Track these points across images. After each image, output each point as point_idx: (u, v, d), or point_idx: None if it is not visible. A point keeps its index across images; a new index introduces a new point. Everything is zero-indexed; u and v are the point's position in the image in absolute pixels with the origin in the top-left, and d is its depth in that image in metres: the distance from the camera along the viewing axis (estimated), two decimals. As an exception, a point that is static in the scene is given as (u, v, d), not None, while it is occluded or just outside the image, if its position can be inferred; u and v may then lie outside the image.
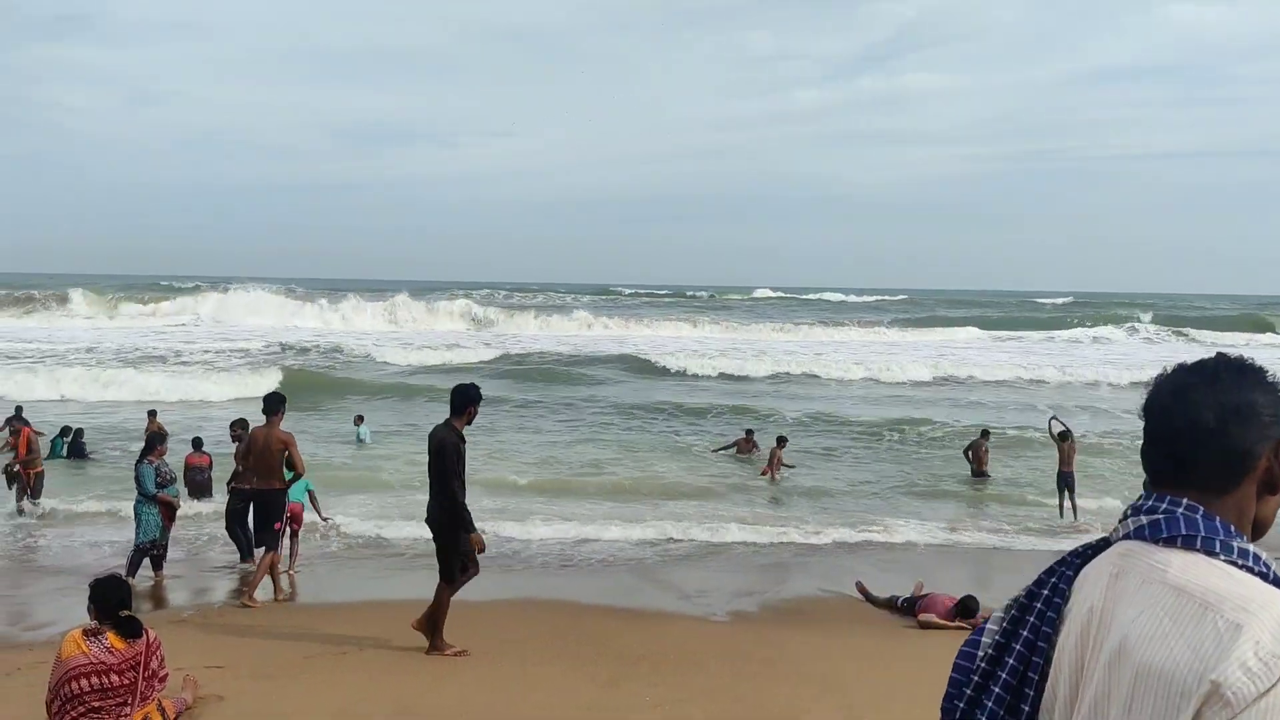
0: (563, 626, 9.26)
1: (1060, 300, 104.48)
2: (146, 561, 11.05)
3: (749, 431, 20.90)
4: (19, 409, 17.46)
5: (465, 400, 8.03)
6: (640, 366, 37.08)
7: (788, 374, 35.80)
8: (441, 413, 8.75)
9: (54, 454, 17.87)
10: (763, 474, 18.12)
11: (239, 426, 12.59)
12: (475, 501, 15.54)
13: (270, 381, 28.00)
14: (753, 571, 12.06)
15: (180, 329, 51.77)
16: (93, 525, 13.88)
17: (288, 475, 10.48)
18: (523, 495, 16.08)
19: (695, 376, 35.33)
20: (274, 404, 10.56)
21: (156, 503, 11.07)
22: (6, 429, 15.03)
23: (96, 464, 17.86)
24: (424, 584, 11.17)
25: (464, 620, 9.45)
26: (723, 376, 35.32)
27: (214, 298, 63.49)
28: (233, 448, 12.59)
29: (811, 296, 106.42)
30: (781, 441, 18.80)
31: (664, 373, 35.82)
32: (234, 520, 11.79)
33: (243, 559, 11.66)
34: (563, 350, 42.20)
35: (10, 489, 14.10)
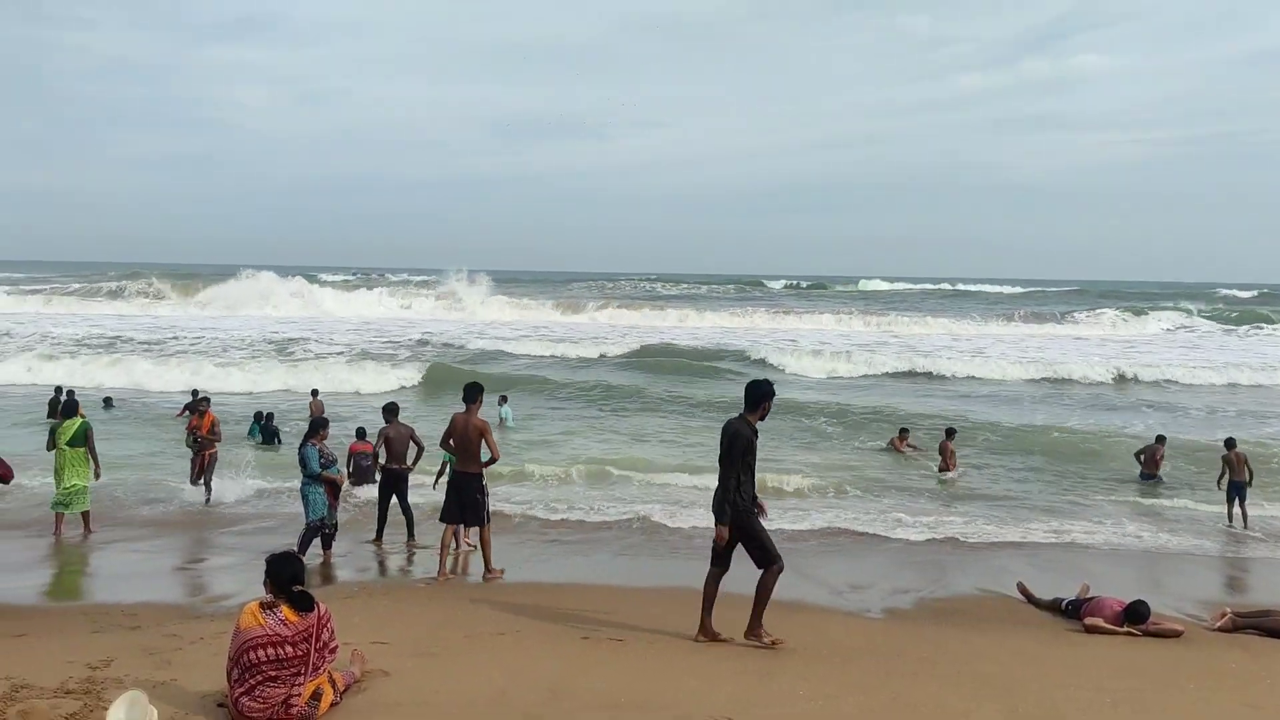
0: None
1: (1246, 294, 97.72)
2: (317, 540, 11.53)
3: (903, 430, 20.56)
4: (196, 393, 18.71)
5: (760, 395, 8.13)
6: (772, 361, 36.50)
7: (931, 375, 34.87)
8: (571, 406, 8.84)
9: (250, 436, 19.37)
10: (941, 470, 17.88)
11: (389, 413, 13.23)
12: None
13: (411, 374, 29.21)
14: (908, 568, 11.78)
15: (331, 321, 54.18)
16: (272, 502, 14.68)
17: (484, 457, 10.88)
18: (672, 485, 16.23)
19: (826, 378, 34.25)
20: (473, 393, 10.94)
21: (321, 482, 11.58)
22: (192, 411, 15.87)
23: (290, 446, 18.56)
24: (580, 568, 11.47)
25: (617, 605, 9.54)
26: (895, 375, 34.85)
27: (361, 293, 66.43)
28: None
29: (972, 288, 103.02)
30: (950, 434, 18.56)
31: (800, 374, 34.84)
32: (384, 498, 12.68)
33: (380, 537, 12.60)
34: (700, 344, 42.22)
35: (193, 468, 14.88)
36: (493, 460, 10.92)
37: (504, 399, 22.79)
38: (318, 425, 12.17)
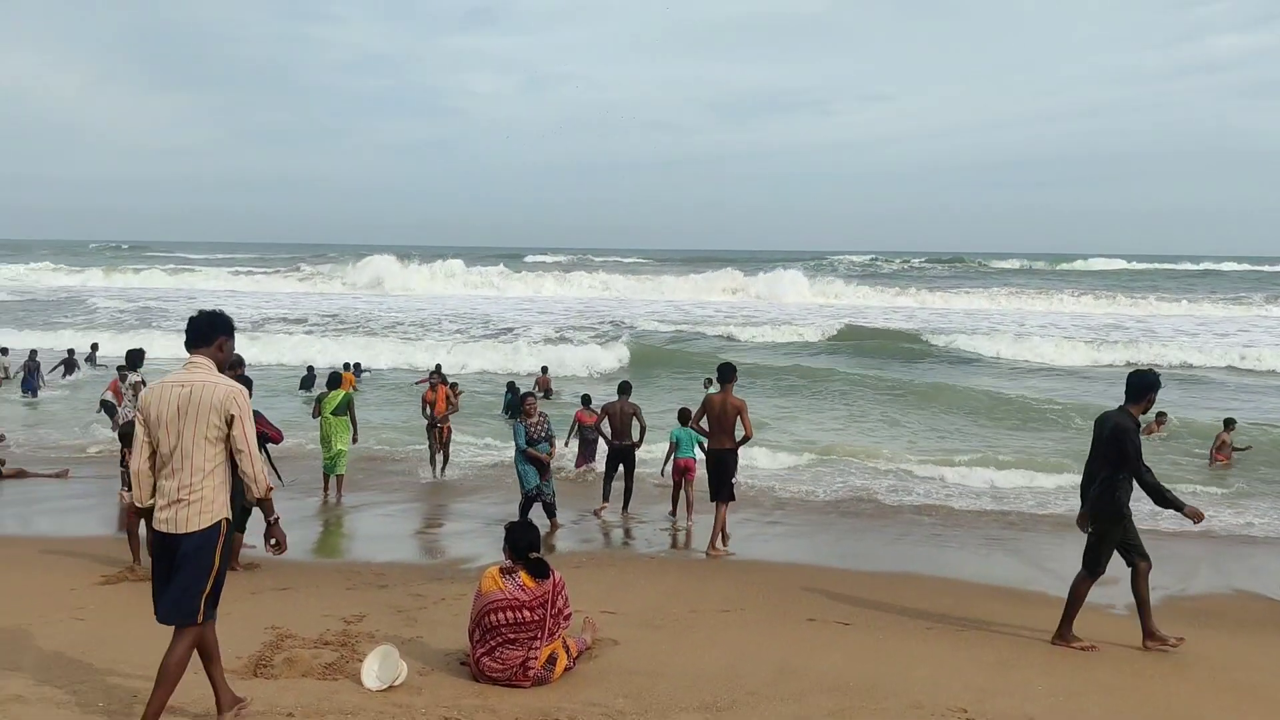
0: (946, 604, 8.91)
1: None
2: (542, 510, 11.85)
3: (1160, 415, 18.43)
4: (439, 367, 19.64)
5: (1145, 386, 7.85)
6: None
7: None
8: (781, 388, 8.64)
9: (505, 413, 20.29)
10: (1212, 463, 16.48)
11: (622, 391, 13.57)
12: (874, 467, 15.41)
13: (616, 354, 29.52)
14: (1157, 562, 10.96)
15: (546, 301, 55.64)
16: (508, 472, 15.27)
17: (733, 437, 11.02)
18: (894, 469, 15.85)
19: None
20: (728, 373, 11.25)
21: (522, 456, 11.94)
22: (427, 383, 16.61)
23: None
24: (804, 548, 11.34)
25: (842, 587, 9.35)
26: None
27: (572, 274, 67.56)
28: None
29: (1227, 266, 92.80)
30: (1229, 424, 17.00)
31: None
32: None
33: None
34: (910, 325, 40.71)
35: (428, 444, 15.39)
36: (746, 438, 11.07)
37: (709, 381, 22.92)
38: (524, 399, 12.64)
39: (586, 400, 15.62)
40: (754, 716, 5.60)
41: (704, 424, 11.32)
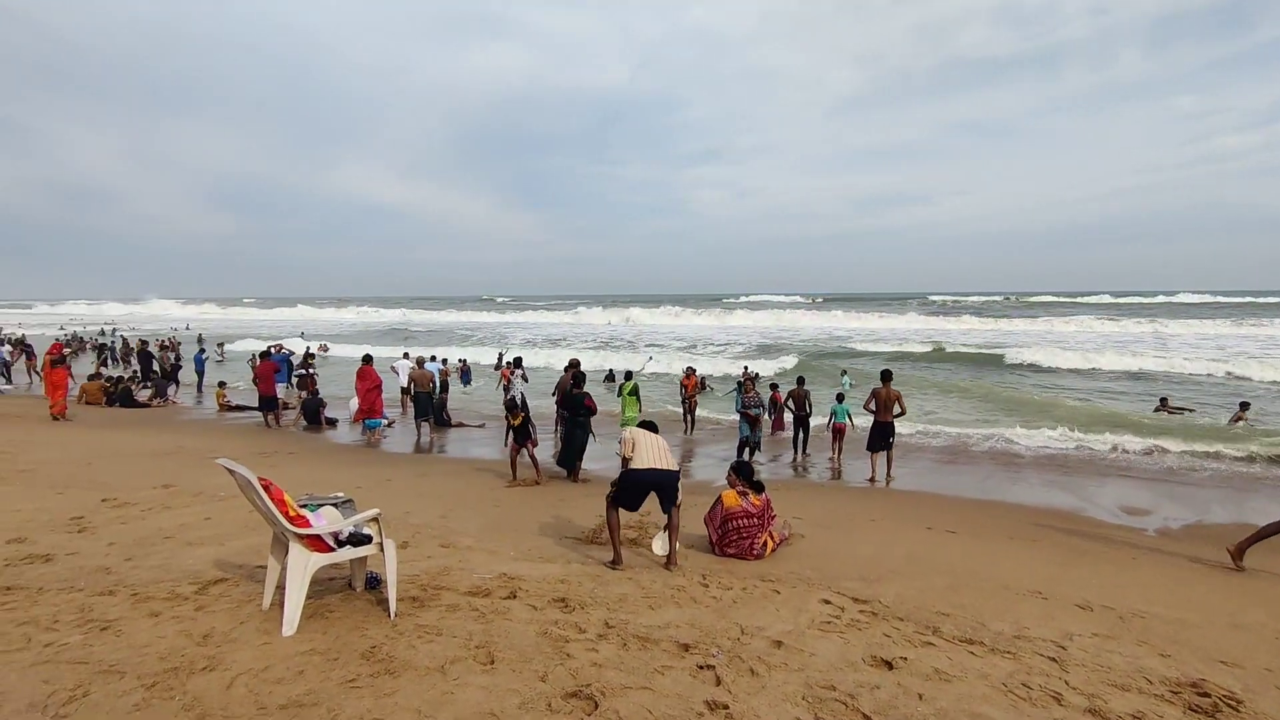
0: (1019, 522, 8.71)
1: None
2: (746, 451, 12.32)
3: (1244, 404, 15.37)
4: (692, 370, 19.47)
5: None
6: None
7: None
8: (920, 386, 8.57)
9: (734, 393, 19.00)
10: None
11: (799, 383, 13.72)
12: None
13: (782, 362, 28.31)
14: (1185, 503, 10.10)
15: (742, 328, 54.92)
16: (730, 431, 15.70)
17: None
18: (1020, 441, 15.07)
19: None
20: (888, 375, 11.51)
21: (743, 416, 12.43)
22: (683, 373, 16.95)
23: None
24: (938, 483, 11.06)
25: (959, 511, 9.27)
26: None
27: (757, 312, 65.74)
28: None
29: None
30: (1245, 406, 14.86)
31: None
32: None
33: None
34: (982, 341, 37.05)
35: (682, 412, 15.63)
36: (902, 413, 11.26)
37: (844, 371, 22.58)
38: (745, 382, 13.09)
39: (774, 386, 15.93)
40: (893, 585, 5.71)
41: (872, 405, 11.42)
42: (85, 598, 4.44)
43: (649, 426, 6.69)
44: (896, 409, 11.21)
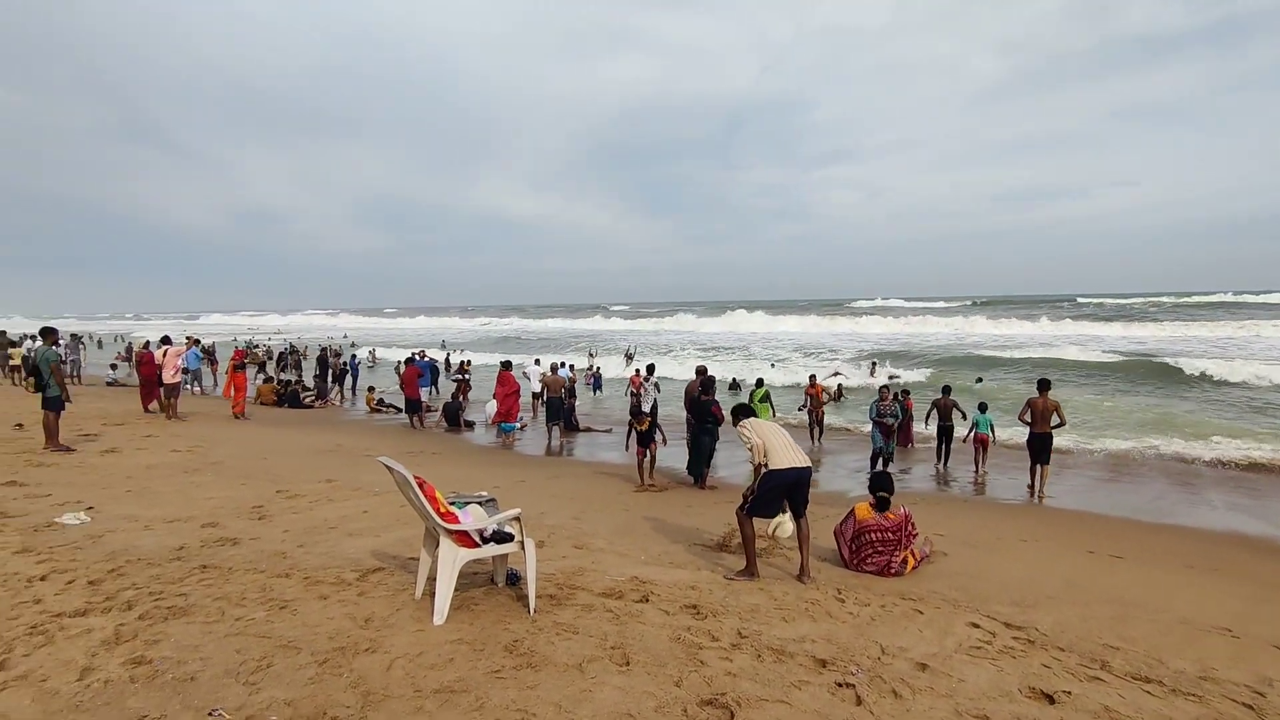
0: (1199, 549, 7.79)
1: None
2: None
3: None
4: (814, 376, 18.60)
5: None
6: None
7: None
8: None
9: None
10: None
11: (945, 392, 13.10)
12: None
13: (922, 372, 26.66)
14: None
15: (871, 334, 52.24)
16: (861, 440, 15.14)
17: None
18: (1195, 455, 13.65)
19: None
20: (1045, 385, 11.00)
21: (874, 424, 11.97)
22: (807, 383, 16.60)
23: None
24: (1100, 501, 10.18)
25: (1123, 533, 8.48)
26: None
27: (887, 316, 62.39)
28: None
29: None
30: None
31: None
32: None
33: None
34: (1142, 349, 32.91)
35: (809, 422, 15.07)
36: (1061, 424, 10.67)
37: (979, 380, 21.39)
38: (881, 390, 12.58)
39: (906, 393, 15.17)
40: (1050, 613, 5.30)
41: (1027, 417, 10.80)
42: (266, 578, 4.94)
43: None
44: (1055, 420, 10.54)
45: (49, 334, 10.93)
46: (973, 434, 12.13)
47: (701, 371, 11.90)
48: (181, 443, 11.61)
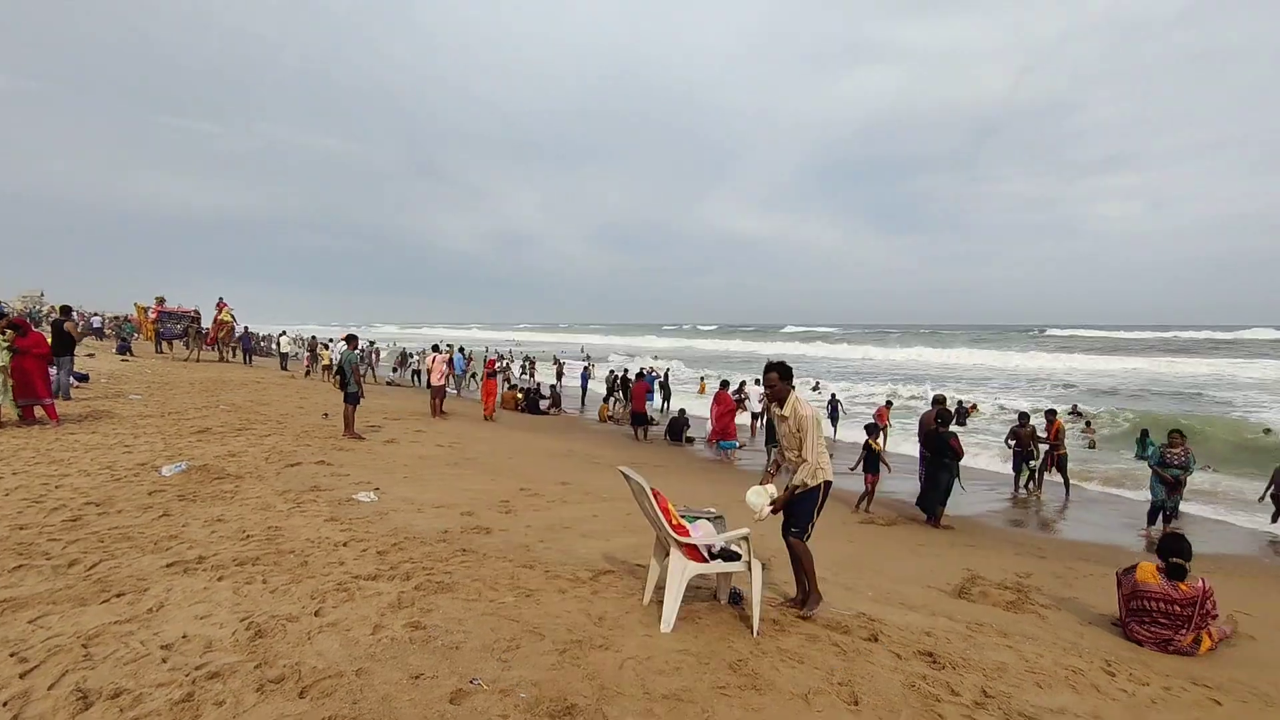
0: None
1: None
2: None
3: None
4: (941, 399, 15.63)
5: None
6: None
7: None
8: None
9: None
10: None
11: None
12: None
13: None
14: None
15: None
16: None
17: None
18: None
19: None
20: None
21: (1158, 476, 10.24)
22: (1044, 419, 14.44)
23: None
24: None
25: None
26: None
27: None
28: None
29: None
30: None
31: None
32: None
33: None
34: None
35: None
36: None
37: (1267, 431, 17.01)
38: (1172, 435, 10.75)
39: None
40: None
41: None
42: (514, 567, 5.48)
43: None
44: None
45: (352, 340, 13.11)
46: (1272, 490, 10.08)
47: (939, 402, 11.12)
48: (445, 438, 13.28)
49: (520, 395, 23.16)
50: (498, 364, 26.93)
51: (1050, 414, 13.31)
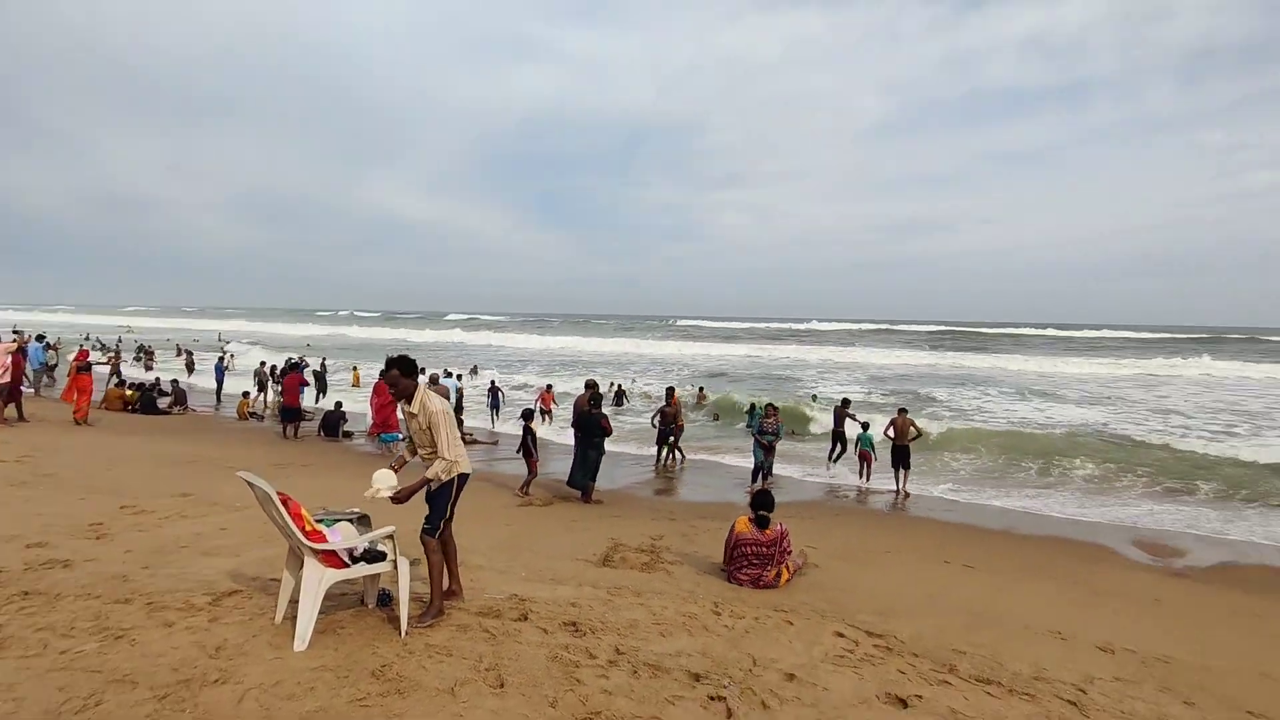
0: (1041, 554, 8.56)
1: None
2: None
3: None
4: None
5: None
6: None
7: None
8: None
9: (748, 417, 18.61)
10: None
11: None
12: None
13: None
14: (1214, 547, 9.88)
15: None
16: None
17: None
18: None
19: None
20: (903, 409, 12.06)
21: (758, 442, 12.52)
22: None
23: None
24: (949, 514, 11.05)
25: (982, 541, 9.10)
26: None
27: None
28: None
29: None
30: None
31: None
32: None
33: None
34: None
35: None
36: (918, 436, 12.12)
37: (815, 396, 22.47)
38: (767, 408, 13.05)
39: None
40: (911, 622, 5.61)
41: (890, 432, 12.43)
42: (102, 605, 4.51)
43: None
44: (912, 433, 12.35)
45: None
46: (859, 449, 13.21)
47: (591, 385, 11.93)
48: (11, 450, 10.41)
49: (131, 393, 19.20)
50: (93, 355, 21.88)
51: (669, 391, 15.09)
